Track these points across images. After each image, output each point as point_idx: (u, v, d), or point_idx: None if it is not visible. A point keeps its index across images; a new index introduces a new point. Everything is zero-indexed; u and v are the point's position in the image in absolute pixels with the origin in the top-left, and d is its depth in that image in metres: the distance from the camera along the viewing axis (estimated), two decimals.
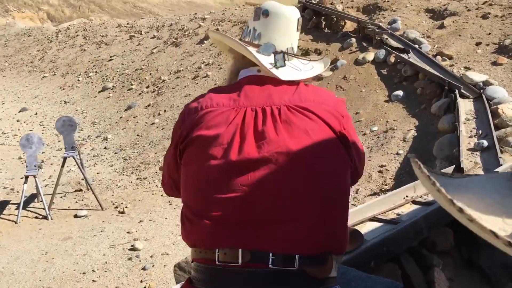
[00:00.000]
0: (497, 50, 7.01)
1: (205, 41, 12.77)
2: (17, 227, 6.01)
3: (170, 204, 6.50)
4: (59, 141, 10.09)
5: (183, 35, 14.24)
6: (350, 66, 8.26)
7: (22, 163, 8.75)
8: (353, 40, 8.77)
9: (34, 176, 6.31)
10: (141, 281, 4.64)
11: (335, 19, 10.00)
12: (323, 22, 10.23)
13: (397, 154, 6.05)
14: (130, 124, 10.03)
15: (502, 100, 5.75)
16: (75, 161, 6.60)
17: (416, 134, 6.24)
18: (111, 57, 15.78)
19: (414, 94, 7.09)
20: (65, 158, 6.60)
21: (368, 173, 5.90)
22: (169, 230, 5.77)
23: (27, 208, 6.60)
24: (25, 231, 5.89)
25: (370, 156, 6.20)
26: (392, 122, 6.70)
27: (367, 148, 6.40)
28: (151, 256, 5.12)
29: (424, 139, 6.12)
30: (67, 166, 8.39)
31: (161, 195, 6.83)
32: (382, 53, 8.04)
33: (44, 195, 6.85)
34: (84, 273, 4.81)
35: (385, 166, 5.91)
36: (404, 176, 5.59)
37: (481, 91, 6.15)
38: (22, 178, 7.85)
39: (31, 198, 7.07)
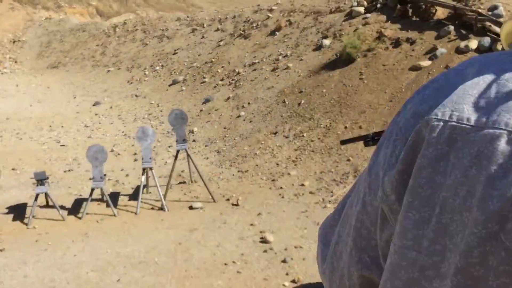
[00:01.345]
0: None
1: (276, 33, 12.64)
2: (138, 218, 6.08)
3: (283, 197, 6.45)
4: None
5: (250, 27, 14.15)
6: (451, 55, 7.99)
7: (116, 156, 8.89)
8: (451, 27, 8.48)
9: (151, 169, 6.36)
10: (287, 274, 4.59)
11: (423, 6, 9.69)
12: (410, 10, 9.94)
13: None
14: (214, 117, 10.03)
15: None
16: (187, 154, 6.62)
17: None
18: (175, 50, 15.88)
19: None
20: (178, 151, 6.62)
21: None
22: (292, 223, 5.70)
23: (137, 199, 6.66)
24: (149, 221, 5.94)
25: None
26: None
27: None
28: (285, 249, 5.07)
29: None
30: (162, 159, 8.48)
31: (270, 188, 6.79)
32: (487, 40, 7.74)
33: (150, 187, 6.93)
34: (225, 264, 4.80)
35: None
36: None
37: None
38: (122, 170, 8.00)
39: (136, 190, 7.15)
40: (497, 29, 7.86)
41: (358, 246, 0.71)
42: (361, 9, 10.90)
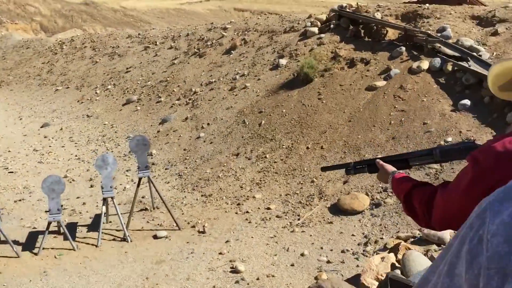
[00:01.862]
0: None
1: (232, 51, 12.64)
2: (100, 251, 5.81)
3: (250, 222, 6.37)
4: None
5: (205, 45, 14.08)
6: (404, 75, 8.24)
7: (70, 182, 8.51)
8: (403, 48, 8.76)
9: (112, 198, 6.12)
10: None
11: (375, 27, 9.99)
12: (362, 31, 10.22)
13: None
14: (172, 139, 9.84)
15: None
16: (150, 180, 6.43)
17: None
18: (127, 68, 15.55)
19: (481, 102, 7.09)
20: (140, 178, 6.41)
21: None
22: (262, 250, 5.64)
23: (97, 230, 6.38)
24: (111, 255, 5.69)
25: (453, 169, 6.17)
26: (465, 132, 6.68)
27: None
28: (257, 279, 4.99)
29: None
30: (121, 184, 8.20)
31: (236, 213, 6.70)
32: (437, 61, 8.04)
33: (109, 215, 6.67)
34: None
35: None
36: None
37: None
38: (78, 198, 7.67)
39: (96, 219, 6.86)
40: (447, 50, 8.19)
41: None
42: (315, 29, 11.09)
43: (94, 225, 6.60)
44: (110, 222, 6.65)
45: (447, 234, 5.21)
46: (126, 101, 13.18)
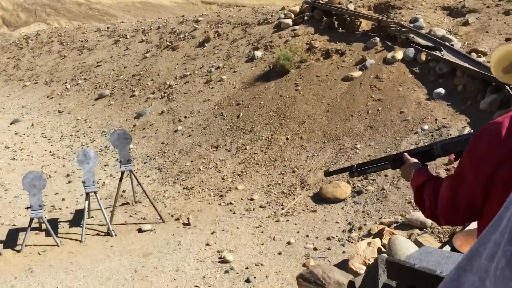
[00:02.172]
0: None
1: (205, 44, 12.59)
2: (85, 246, 5.75)
3: (234, 213, 6.41)
4: (74, 153, 9.69)
5: (177, 38, 13.96)
6: (380, 66, 8.41)
7: (47, 178, 8.33)
8: (377, 39, 8.93)
9: (95, 193, 6.04)
10: None
11: (348, 18, 10.13)
12: (336, 22, 10.35)
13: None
14: (149, 133, 9.76)
15: None
16: (133, 174, 6.38)
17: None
18: (98, 63, 15.27)
19: (454, 91, 7.31)
20: (122, 172, 6.35)
21: (435, 172, 6.05)
22: (248, 239, 5.69)
23: (81, 225, 6.30)
24: (97, 249, 5.64)
25: None
26: (441, 120, 6.89)
27: None
28: (246, 268, 5.05)
29: None
30: (100, 179, 8.10)
31: (219, 204, 6.73)
32: (411, 51, 8.24)
33: (90, 210, 6.60)
34: None
35: (452, 164, 6.07)
36: None
37: None
38: (56, 194, 7.54)
39: (77, 215, 6.77)
40: (420, 40, 8.40)
41: None
42: (289, 21, 11.16)
43: (76, 221, 6.51)
44: (92, 217, 6.57)
45: (428, 219, 5.38)
46: (98, 95, 12.96)
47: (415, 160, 1.86)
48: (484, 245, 0.77)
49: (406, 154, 1.92)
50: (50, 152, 9.88)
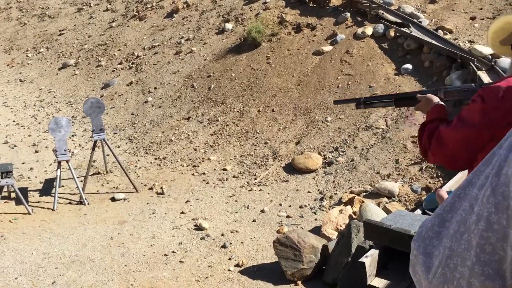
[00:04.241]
0: None
1: (174, 15, 12.38)
2: (57, 214, 5.71)
3: (207, 183, 6.49)
4: (39, 123, 9.47)
5: (144, 8, 13.65)
6: (350, 41, 8.55)
7: (13, 148, 8.15)
8: (348, 14, 9.05)
9: (67, 161, 5.98)
10: (230, 259, 4.69)
11: None
12: None
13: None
14: (118, 103, 9.63)
15: None
16: (106, 143, 6.33)
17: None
18: (60, 31, 14.78)
19: (422, 67, 7.55)
20: (95, 141, 6.29)
21: (402, 144, 6.30)
22: (223, 208, 5.80)
23: (52, 194, 6.24)
24: (70, 217, 5.62)
25: (398, 128, 6.60)
26: None
27: (392, 120, 6.79)
28: (222, 235, 5.16)
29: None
30: (69, 149, 7.96)
31: (192, 174, 6.78)
32: (380, 27, 8.41)
33: (62, 179, 6.53)
34: (165, 255, 4.75)
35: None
36: None
37: (492, 63, 6.73)
38: (23, 163, 7.40)
39: (47, 184, 6.69)
40: (389, 17, 8.58)
41: (482, 260, 0.79)
42: None
43: (46, 190, 6.44)
44: (63, 186, 6.51)
45: (396, 188, 5.64)
46: (62, 65, 12.60)
47: (438, 99, 1.92)
48: (478, 177, 0.87)
49: (419, 95, 1.98)
50: (14, 121, 9.61)
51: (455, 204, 0.88)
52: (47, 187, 6.49)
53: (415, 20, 8.30)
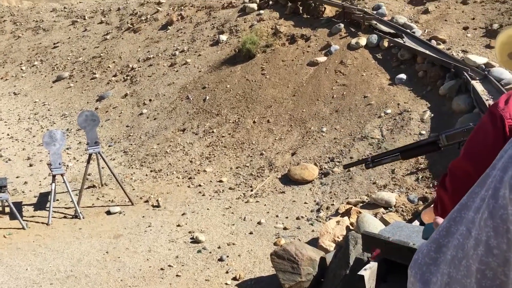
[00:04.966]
0: (486, 34, 7.72)
1: (169, 27, 12.42)
2: (52, 229, 5.65)
3: (203, 195, 6.45)
4: (33, 136, 9.42)
5: (138, 20, 13.70)
6: (344, 51, 8.59)
7: (7, 161, 8.09)
8: (341, 25, 9.10)
9: (62, 175, 5.93)
10: (227, 272, 4.65)
11: (313, 4, 10.26)
12: (300, 8, 10.45)
13: (420, 134, 6.51)
14: (113, 115, 9.60)
15: (511, 81, 6.41)
16: (101, 156, 6.29)
17: (432, 115, 6.74)
18: (54, 44, 14.80)
19: (415, 77, 7.58)
20: (90, 154, 6.25)
21: None
22: (219, 220, 5.76)
23: (46, 208, 6.19)
24: (65, 232, 5.56)
25: (393, 138, 6.60)
26: (403, 104, 7.14)
27: (388, 130, 6.79)
28: (218, 247, 5.12)
29: (441, 120, 6.63)
30: (63, 162, 7.92)
31: (188, 187, 6.75)
32: (374, 38, 8.46)
33: (57, 193, 6.48)
34: (162, 269, 4.71)
35: None
36: (435, 155, 6.04)
37: (486, 73, 6.77)
38: (18, 177, 7.35)
39: (42, 198, 6.64)
40: (383, 27, 8.63)
41: (483, 286, 0.77)
42: (254, 6, 11.17)
43: (41, 204, 6.38)
44: (58, 200, 6.45)
45: (392, 198, 5.62)
46: (56, 77, 12.59)
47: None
48: (473, 199, 0.85)
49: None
50: (8, 135, 9.56)
51: (451, 228, 0.86)
52: (42, 201, 6.44)
53: (408, 30, 8.35)
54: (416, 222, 3.71)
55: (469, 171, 1.61)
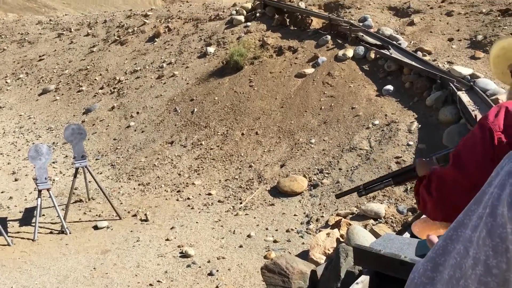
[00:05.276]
0: (470, 46, 7.82)
1: (156, 39, 12.40)
2: (38, 245, 5.55)
3: (192, 208, 6.40)
4: (19, 150, 9.29)
5: (125, 32, 13.66)
6: (331, 63, 8.64)
7: None
8: (328, 37, 9.16)
9: (48, 190, 5.84)
10: (217, 287, 4.60)
11: (300, 16, 10.33)
12: (287, 20, 10.51)
13: (408, 145, 6.54)
14: (100, 128, 9.52)
15: (497, 91, 6.48)
16: (88, 170, 6.21)
17: (420, 125, 6.78)
18: (40, 56, 14.67)
19: (402, 88, 7.65)
20: (77, 168, 6.17)
21: (386, 165, 6.32)
22: (208, 234, 5.71)
23: (32, 224, 6.08)
24: (51, 248, 5.46)
25: (381, 149, 6.62)
26: (390, 115, 7.19)
27: (376, 141, 6.82)
28: (208, 262, 5.07)
29: (428, 130, 6.68)
30: (49, 177, 7.81)
31: (177, 200, 6.69)
32: (361, 49, 8.52)
33: (43, 208, 6.38)
34: (151, 284, 4.64)
35: (401, 157, 6.37)
36: None
37: (471, 83, 6.84)
38: (2, 192, 7.23)
39: (27, 213, 6.53)
40: (369, 39, 8.70)
41: None
42: (241, 18, 11.22)
43: (26, 219, 6.27)
44: (44, 215, 6.35)
45: (382, 210, 5.62)
46: (42, 90, 12.47)
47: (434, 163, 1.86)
48: (469, 217, 0.83)
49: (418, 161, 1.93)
50: None
51: (447, 247, 0.85)
52: (27, 217, 6.33)
53: (394, 42, 8.44)
54: (407, 234, 3.70)
55: (458, 180, 1.61)
